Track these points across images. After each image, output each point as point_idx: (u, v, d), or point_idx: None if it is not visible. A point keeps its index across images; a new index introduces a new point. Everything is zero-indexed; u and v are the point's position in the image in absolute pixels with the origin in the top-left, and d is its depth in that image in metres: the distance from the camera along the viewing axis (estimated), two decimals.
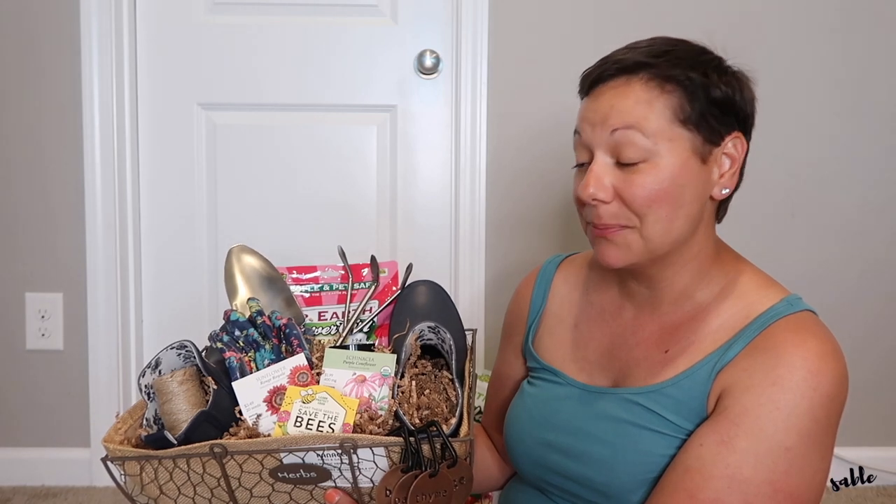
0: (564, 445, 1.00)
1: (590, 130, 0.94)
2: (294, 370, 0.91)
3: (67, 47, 1.97)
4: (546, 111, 2.00)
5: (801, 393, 0.85)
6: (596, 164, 0.93)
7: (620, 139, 0.91)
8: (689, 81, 0.91)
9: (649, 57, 0.93)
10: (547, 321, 1.14)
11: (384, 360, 0.93)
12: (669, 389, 0.93)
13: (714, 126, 0.93)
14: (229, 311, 1.00)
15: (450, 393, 0.96)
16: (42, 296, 2.05)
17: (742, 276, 0.99)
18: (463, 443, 0.85)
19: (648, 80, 0.92)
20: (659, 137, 0.90)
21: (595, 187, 0.92)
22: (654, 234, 0.93)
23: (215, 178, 2.06)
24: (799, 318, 0.91)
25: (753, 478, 0.84)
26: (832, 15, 2.00)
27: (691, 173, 0.92)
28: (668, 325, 0.99)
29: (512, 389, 1.17)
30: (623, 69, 0.93)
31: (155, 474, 0.86)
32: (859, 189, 2.05)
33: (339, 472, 0.84)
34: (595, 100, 0.95)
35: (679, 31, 1.03)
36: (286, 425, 0.85)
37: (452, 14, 2.01)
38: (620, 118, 0.91)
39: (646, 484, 0.92)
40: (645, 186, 0.91)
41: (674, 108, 0.91)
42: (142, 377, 0.91)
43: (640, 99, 0.91)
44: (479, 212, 2.03)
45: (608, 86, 0.94)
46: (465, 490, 0.86)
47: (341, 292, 1.12)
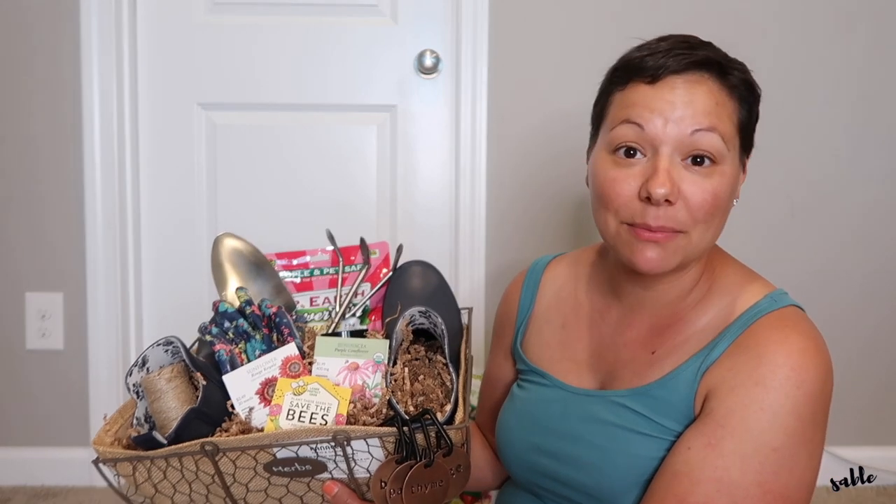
0: (553, 449, 0.99)
1: (660, 123, 0.87)
2: (285, 360, 0.89)
3: (68, 47, 1.97)
4: (546, 111, 2.00)
5: (785, 392, 0.84)
6: (665, 160, 0.87)
7: (700, 140, 0.87)
8: (747, 90, 0.91)
9: (720, 57, 0.90)
10: (535, 323, 1.12)
11: (377, 347, 0.92)
12: (656, 391, 0.92)
13: (750, 137, 0.94)
14: (218, 302, 0.98)
15: (445, 377, 0.95)
16: (42, 296, 2.05)
17: (725, 271, 0.98)
18: (458, 430, 0.83)
19: (721, 80, 0.89)
20: (729, 142, 0.89)
21: (668, 187, 0.86)
22: (701, 241, 0.90)
23: (215, 178, 2.06)
24: (782, 314, 0.90)
25: (742, 480, 0.83)
26: (834, 14, 1.99)
27: (737, 183, 0.93)
28: (656, 326, 0.98)
29: (503, 392, 1.16)
30: (697, 63, 0.88)
31: (148, 474, 0.85)
32: (860, 189, 2.04)
33: (335, 464, 0.83)
34: (669, 90, 0.88)
35: (679, 30, 1.02)
36: (278, 419, 0.84)
37: (452, 14, 2.01)
38: (704, 119, 0.86)
39: (636, 486, 0.91)
40: (713, 191, 0.88)
41: (738, 115, 0.90)
42: (129, 376, 0.89)
43: (718, 100, 0.88)
44: (479, 211, 2.03)
45: (682, 78, 0.88)
46: (462, 478, 0.85)
47: (332, 276, 1.10)
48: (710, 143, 0.87)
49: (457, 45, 2.00)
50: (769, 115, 1.97)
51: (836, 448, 2.04)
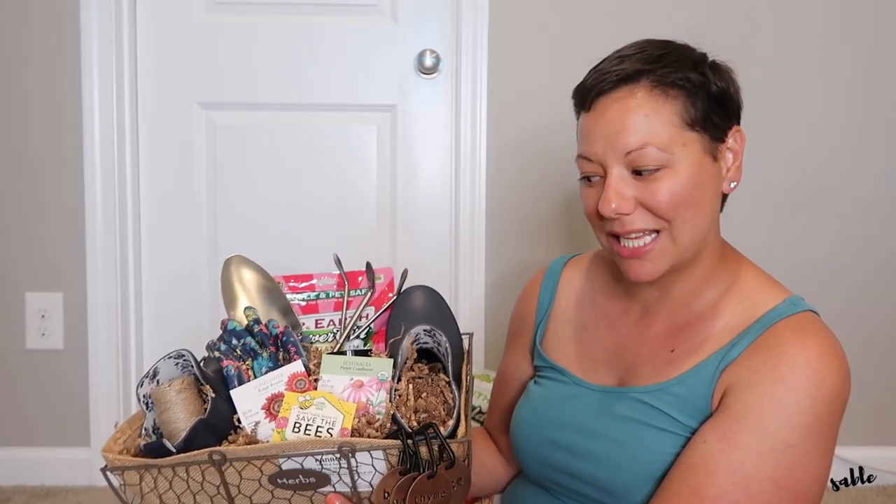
0: (570, 444, 1.00)
1: (600, 146, 0.92)
2: (292, 377, 0.91)
3: (68, 47, 1.97)
4: (546, 111, 2.00)
5: (804, 391, 0.85)
6: (613, 178, 0.92)
7: (635, 159, 0.91)
8: (690, 83, 0.92)
9: (647, 63, 0.92)
10: (554, 321, 1.14)
11: (381, 365, 0.93)
12: (675, 388, 0.94)
13: (717, 123, 0.94)
14: (226, 321, 1.00)
15: (447, 396, 0.96)
16: (42, 296, 2.05)
17: (745, 276, 1.00)
18: (461, 444, 0.85)
19: (652, 87, 0.91)
20: (672, 145, 0.90)
21: (617, 202, 0.91)
22: (684, 235, 0.93)
23: (215, 177, 2.06)
24: (801, 318, 0.92)
25: (756, 474, 0.84)
26: (833, 11, 1.99)
27: (707, 172, 0.93)
28: (675, 325, 1.00)
29: (518, 390, 1.18)
30: (624, 79, 0.92)
31: (154, 483, 0.85)
32: (860, 188, 2.05)
33: (339, 477, 0.84)
34: (601, 115, 0.93)
35: (679, 30, 1.03)
36: (284, 431, 0.85)
37: (452, 14, 2.00)
38: (633, 138, 0.90)
39: (650, 482, 0.92)
40: (667, 193, 0.91)
41: (680, 113, 0.91)
42: (140, 387, 0.92)
43: (648, 111, 0.90)
44: (479, 211, 2.03)
45: (611, 98, 0.92)
46: (463, 491, 0.87)
47: (337, 300, 1.12)
48: (645, 159, 0.90)
49: (457, 45, 2.00)
50: (769, 115, 1.99)
51: (837, 448, 2.04)
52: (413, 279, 1.14)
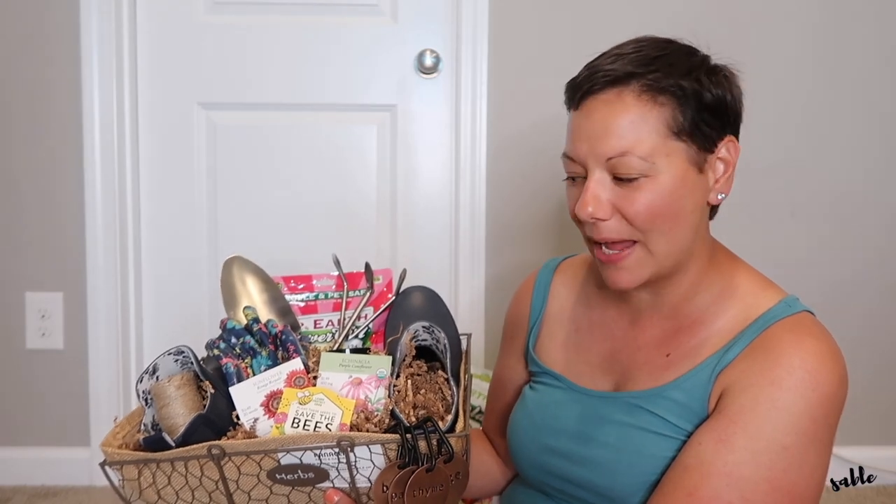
0: (567, 450, 1.00)
1: (583, 148, 0.91)
2: (291, 374, 0.91)
3: (68, 47, 1.97)
4: (546, 110, 1.98)
5: (800, 393, 0.85)
6: (592, 181, 0.90)
7: (616, 166, 0.89)
8: (681, 90, 0.89)
9: (640, 66, 0.89)
10: (547, 325, 1.13)
11: (380, 362, 0.93)
12: (671, 392, 0.93)
13: (707, 133, 0.91)
14: (225, 320, 1.01)
15: (445, 392, 0.96)
16: (42, 295, 2.05)
17: (739, 278, 0.98)
18: (459, 438, 0.85)
19: (641, 92, 0.89)
20: (655, 155, 0.88)
21: (594, 206, 0.90)
22: (660, 247, 0.91)
23: (215, 177, 2.07)
24: (797, 319, 0.92)
25: (752, 476, 0.84)
26: (828, 9, 2.00)
27: (690, 184, 0.91)
28: (669, 330, 0.99)
29: (514, 394, 1.17)
30: (613, 81, 0.89)
31: (153, 478, 0.86)
32: (859, 188, 2.05)
33: (337, 472, 0.84)
34: (587, 116, 0.91)
35: (677, 29, 1.02)
36: (283, 426, 0.86)
37: (452, 13, 2.01)
38: (615, 144, 0.88)
39: (648, 486, 0.92)
40: (645, 203, 0.89)
41: (667, 122, 0.89)
42: (139, 383, 0.92)
43: (634, 117, 0.88)
44: (479, 211, 2.03)
45: (599, 99, 0.90)
46: (460, 485, 0.87)
47: (336, 300, 1.12)
48: (627, 167, 0.88)
49: (457, 45, 2.00)
50: (769, 115, 2.00)
51: (837, 448, 2.04)
52: (412, 278, 1.14)
